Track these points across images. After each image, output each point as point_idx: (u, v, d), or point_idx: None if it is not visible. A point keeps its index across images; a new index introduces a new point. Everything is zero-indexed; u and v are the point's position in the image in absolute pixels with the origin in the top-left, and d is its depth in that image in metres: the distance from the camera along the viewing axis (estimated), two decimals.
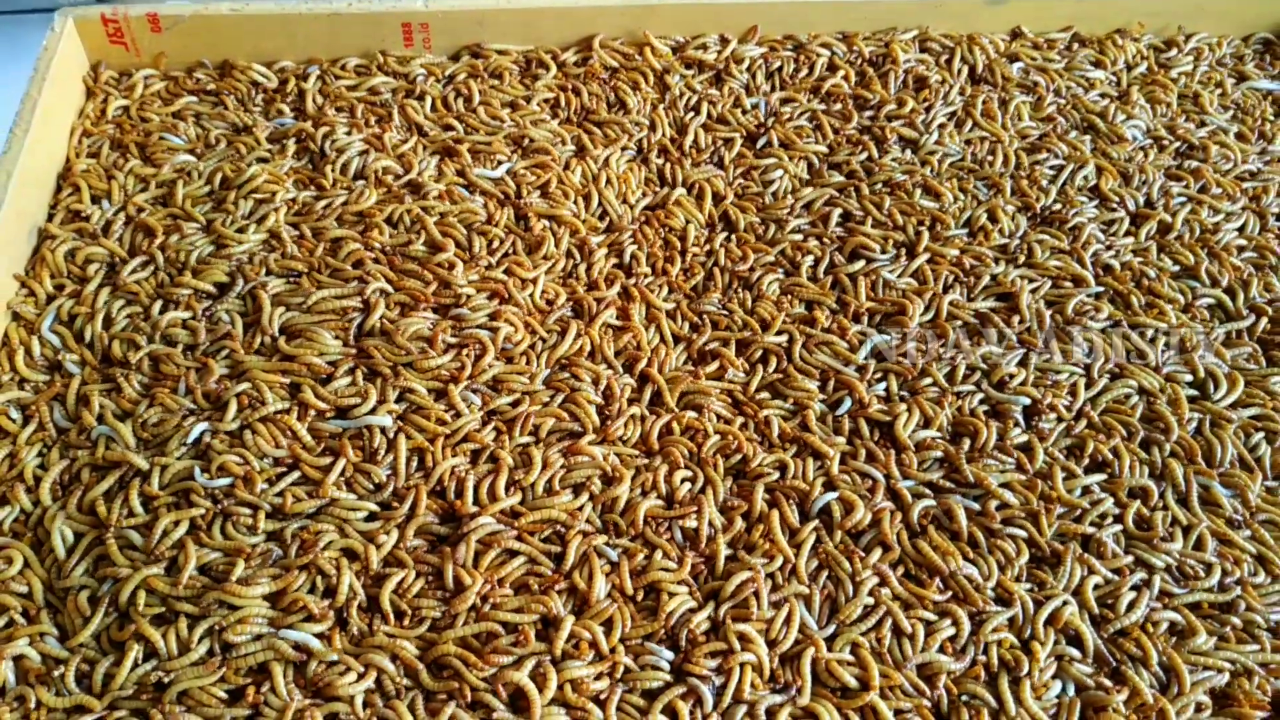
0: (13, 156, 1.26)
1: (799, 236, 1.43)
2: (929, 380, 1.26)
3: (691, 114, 1.57)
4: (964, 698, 1.02)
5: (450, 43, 1.60)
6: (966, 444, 1.21)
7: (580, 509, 1.10)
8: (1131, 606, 1.09)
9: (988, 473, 1.17)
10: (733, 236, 1.43)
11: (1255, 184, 1.59)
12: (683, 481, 1.14)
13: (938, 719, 1.02)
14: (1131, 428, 1.24)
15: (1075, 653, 1.06)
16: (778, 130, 1.55)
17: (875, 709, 0.99)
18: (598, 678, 0.99)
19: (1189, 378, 1.31)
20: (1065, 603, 1.08)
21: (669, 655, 1.01)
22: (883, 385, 1.26)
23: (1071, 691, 1.04)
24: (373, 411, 1.13)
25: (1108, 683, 1.03)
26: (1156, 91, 1.71)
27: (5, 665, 0.97)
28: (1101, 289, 1.40)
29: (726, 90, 1.61)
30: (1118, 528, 1.15)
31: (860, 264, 1.39)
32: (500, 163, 1.44)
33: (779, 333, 1.30)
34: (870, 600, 1.07)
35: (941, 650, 1.05)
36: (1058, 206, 1.50)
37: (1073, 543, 1.13)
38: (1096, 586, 1.10)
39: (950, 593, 1.08)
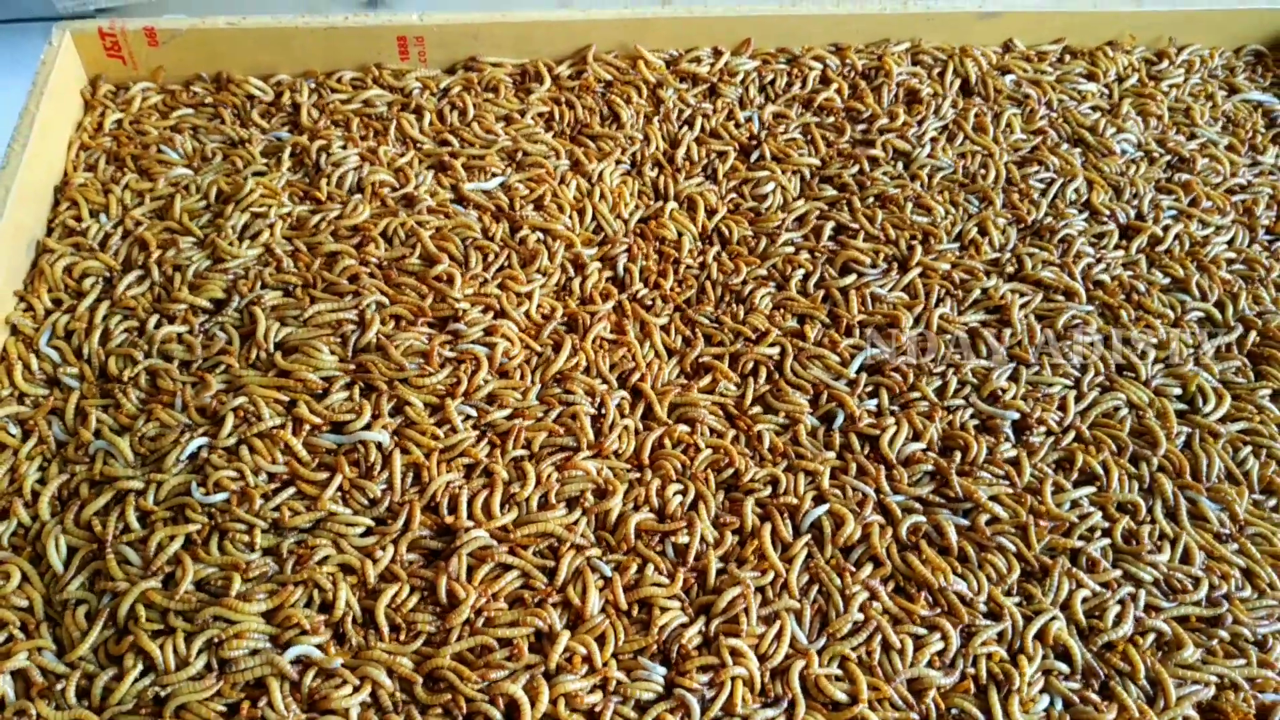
0: (11, 171, 1.27)
1: (791, 250, 1.43)
2: (919, 395, 1.27)
3: (685, 127, 1.58)
4: (952, 711, 1.03)
5: (445, 56, 1.61)
6: (957, 457, 1.22)
7: (575, 523, 1.11)
8: (1119, 620, 1.10)
9: (977, 486, 1.19)
10: (725, 250, 1.44)
11: (1245, 196, 1.60)
12: (674, 495, 1.15)
13: None
14: (1120, 442, 1.26)
15: (1063, 667, 1.07)
16: (770, 143, 1.56)
17: None
18: (590, 691, 1.00)
19: (1178, 391, 1.33)
20: (1054, 618, 1.09)
21: (661, 670, 1.02)
22: (874, 401, 1.27)
23: (1060, 706, 1.05)
24: (368, 427, 1.15)
25: (1095, 698, 1.04)
26: (1148, 104, 1.72)
27: (4, 680, 0.98)
28: (1091, 306, 1.40)
29: (720, 103, 1.62)
30: (1106, 541, 1.17)
31: (851, 278, 1.40)
32: (494, 176, 1.45)
33: (770, 345, 1.31)
34: (860, 615, 1.08)
35: (930, 664, 1.06)
36: (1048, 219, 1.51)
37: (1061, 556, 1.14)
38: (1085, 600, 1.11)
39: (939, 607, 1.09)
